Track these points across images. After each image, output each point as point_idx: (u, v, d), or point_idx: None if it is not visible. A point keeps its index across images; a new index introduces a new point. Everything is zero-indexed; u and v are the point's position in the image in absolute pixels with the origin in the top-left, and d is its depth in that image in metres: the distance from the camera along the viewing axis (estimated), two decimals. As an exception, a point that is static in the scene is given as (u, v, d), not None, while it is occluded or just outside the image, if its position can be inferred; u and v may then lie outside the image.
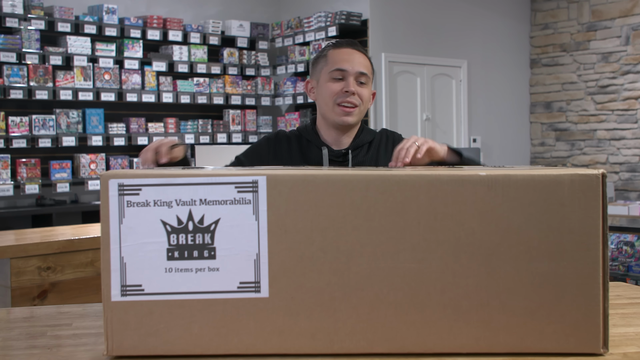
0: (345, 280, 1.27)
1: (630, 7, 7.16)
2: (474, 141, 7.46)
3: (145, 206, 1.28)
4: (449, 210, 1.26)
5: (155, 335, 1.28)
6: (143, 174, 1.28)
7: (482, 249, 1.26)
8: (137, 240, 1.28)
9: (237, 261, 1.27)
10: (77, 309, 1.75)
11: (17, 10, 5.44)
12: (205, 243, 1.27)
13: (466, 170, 1.30)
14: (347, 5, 6.68)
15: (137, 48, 6.07)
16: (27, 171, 5.46)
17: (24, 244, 3.02)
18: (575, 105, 7.66)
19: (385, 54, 6.64)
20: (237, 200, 1.27)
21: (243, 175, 1.27)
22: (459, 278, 1.27)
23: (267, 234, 1.27)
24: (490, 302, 1.27)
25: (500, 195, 1.26)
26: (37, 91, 5.45)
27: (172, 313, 1.28)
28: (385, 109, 6.65)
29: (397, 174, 1.27)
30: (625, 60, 7.21)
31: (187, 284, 1.28)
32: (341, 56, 2.01)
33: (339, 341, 1.28)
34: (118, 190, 1.28)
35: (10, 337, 1.50)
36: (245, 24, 6.82)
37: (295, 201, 1.27)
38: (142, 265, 1.28)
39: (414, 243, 1.27)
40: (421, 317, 1.27)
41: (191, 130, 6.41)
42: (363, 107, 2.03)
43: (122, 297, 1.28)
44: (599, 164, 7.41)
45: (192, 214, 1.27)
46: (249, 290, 1.27)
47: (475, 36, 7.51)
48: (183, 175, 1.28)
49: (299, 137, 2.09)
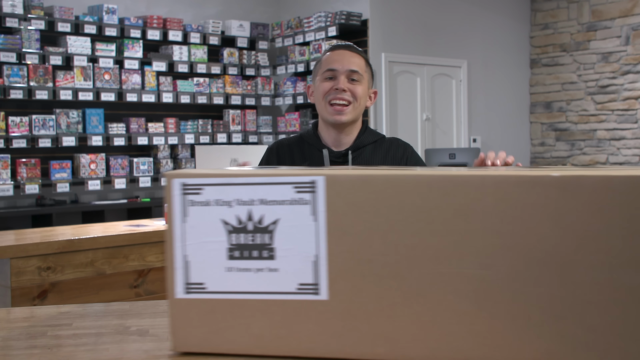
0: (406, 285, 1.21)
1: (630, 7, 7.16)
2: (474, 141, 7.46)
3: (207, 205, 1.28)
4: (518, 214, 1.16)
5: (217, 333, 1.29)
6: (204, 174, 1.29)
7: (555, 257, 1.15)
8: (200, 239, 1.29)
9: (296, 262, 1.25)
10: (77, 309, 1.75)
11: (17, 10, 5.44)
12: (264, 243, 1.27)
13: (536, 170, 1.21)
14: (347, 5, 6.68)
15: (137, 48, 6.07)
16: (27, 171, 5.46)
17: (24, 244, 3.02)
18: (575, 105, 7.66)
19: (385, 54, 6.64)
20: (295, 200, 1.25)
21: (301, 175, 1.25)
22: (530, 287, 1.16)
23: (326, 235, 1.24)
24: (566, 314, 1.16)
25: (574, 198, 1.14)
26: (37, 91, 5.45)
27: (233, 312, 1.28)
28: (385, 109, 6.65)
29: (460, 175, 1.19)
30: (625, 60, 7.21)
31: (247, 283, 1.27)
32: (333, 57, 2.06)
33: (400, 348, 1.23)
34: (181, 189, 1.29)
35: (10, 337, 1.50)
36: (245, 24, 6.82)
37: (354, 202, 1.23)
38: (204, 264, 1.29)
39: (478, 248, 1.18)
40: (487, 327, 1.19)
41: (191, 130, 6.41)
42: (357, 105, 2.04)
43: (186, 294, 1.30)
44: (599, 164, 7.41)
45: (251, 213, 1.27)
46: (308, 292, 1.25)
47: (475, 36, 7.51)
48: (242, 175, 1.27)
49: (300, 141, 2.13)
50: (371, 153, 2.09)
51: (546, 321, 1.16)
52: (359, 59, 2.07)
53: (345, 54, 2.06)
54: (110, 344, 1.42)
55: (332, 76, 2.03)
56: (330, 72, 2.03)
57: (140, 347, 1.40)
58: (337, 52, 2.06)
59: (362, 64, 2.07)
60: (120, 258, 3.31)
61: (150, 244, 3.42)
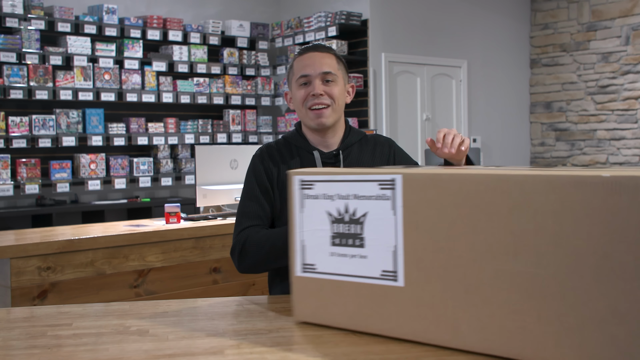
0: (467, 278, 1.30)
1: (630, 7, 7.16)
2: (474, 141, 7.46)
3: (316, 199, 1.52)
4: (570, 213, 1.18)
5: (324, 308, 1.51)
6: (316, 172, 1.54)
7: (607, 259, 1.15)
8: (312, 227, 1.52)
9: (380, 251, 1.41)
10: (77, 309, 1.76)
11: (17, 10, 5.44)
12: (357, 233, 1.45)
13: (587, 170, 1.22)
14: (347, 5, 6.68)
15: (137, 48, 6.07)
16: (27, 171, 5.46)
17: (24, 244, 3.02)
18: (575, 105, 7.66)
19: (385, 54, 6.64)
20: (379, 196, 1.41)
21: (384, 174, 1.41)
22: (580, 288, 1.18)
23: (402, 228, 1.38)
24: (613, 319, 1.15)
25: (625, 198, 1.13)
26: (37, 91, 5.45)
27: (334, 291, 1.49)
28: (385, 109, 6.65)
29: (516, 174, 1.24)
30: (625, 60, 7.21)
31: (344, 267, 1.47)
32: (303, 62, 2.04)
33: (462, 338, 1.32)
34: (299, 185, 1.54)
35: (11, 337, 1.50)
36: (245, 24, 6.82)
37: (425, 198, 1.35)
38: (315, 248, 1.52)
39: (531, 246, 1.22)
40: (536, 325, 1.22)
41: (191, 130, 6.41)
42: (336, 106, 2.03)
43: (303, 273, 1.54)
44: (599, 164, 7.41)
45: (348, 206, 1.47)
46: (389, 279, 1.41)
47: (475, 36, 7.51)
48: (342, 174, 1.48)
49: (287, 144, 2.11)
50: (359, 152, 2.09)
51: (592, 324, 1.17)
52: (330, 58, 2.05)
53: (315, 56, 2.03)
54: (110, 344, 1.42)
55: (306, 82, 2.02)
56: (304, 78, 2.02)
57: (140, 347, 1.40)
58: (307, 56, 2.04)
59: (334, 63, 2.05)
60: (120, 258, 3.31)
61: (150, 244, 3.42)
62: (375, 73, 6.58)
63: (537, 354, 1.23)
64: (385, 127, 6.62)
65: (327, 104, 2.01)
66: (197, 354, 1.35)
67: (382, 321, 1.42)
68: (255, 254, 1.92)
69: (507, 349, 1.26)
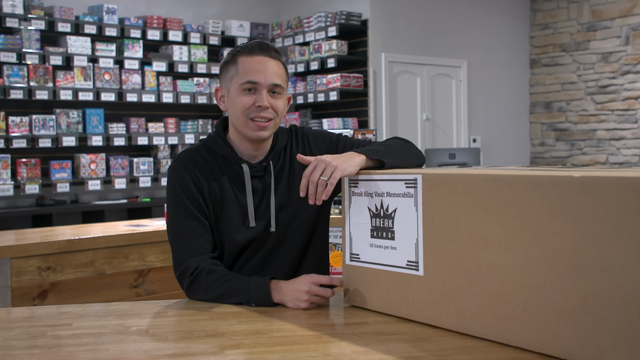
0: (470, 269, 1.42)
1: (630, 7, 7.16)
2: (474, 141, 7.46)
3: (360, 196, 1.71)
4: (548, 211, 1.25)
5: (366, 293, 1.70)
6: (361, 172, 1.71)
7: (576, 254, 1.22)
8: (357, 221, 1.71)
9: (406, 243, 1.58)
10: (77, 309, 1.76)
11: (17, 10, 5.44)
12: (389, 227, 1.63)
13: (587, 171, 1.26)
14: (347, 5, 6.68)
15: (137, 48, 6.07)
16: (27, 171, 5.46)
17: (24, 244, 3.02)
18: (575, 105, 7.66)
19: (385, 54, 6.64)
20: (405, 193, 1.58)
21: (408, 173, 1.58)
22: (567, 282, 1.23)
23: (422, 223, 1.53)
24: (601, 310, 1.20)
25: (619, 199, 1.16)
26: (37, 91, 5.45)
27: (372, 279, 1.68)
28: (385, 109, 6.65)
29: (511, 174, 1.33)
30: (625, 60, 7.21)
31: (380, 257, 1.65)
32: (252, 65, 1.86)
33: (467, 324, 1.44)
34: (348, 183, 1.74)
35: (11, 337, 1.50)
36: (245, 24, 6.83)
37: (438, 195, 1.49)
38: (359, 239, 1.71)
39: (520, 241, 1.31)
40: (523, 313, 1.31)
41: (191, 130, 6.41)
42: (278, 120, 1.91)
43: (350, 261, 1.74)
44: (598, 164, 7.41)
45: (383, 203, 1.64)
46: (412, 268, 1.57)
47: (475, 36, 7.51)
48: (379, 174, 1.66)
49: (211, 153, 1.94)
50: (284, 158, 1.97)
51: (565, 314, 1.24)
52: (279, 66, 1.90)
53: (267, 62, 1.87)
54: (110, 344, 1.42)
55: (252, 88, 1.86)
56: (251, 84, 1.85)
57: (140, 347, 1.40)
58: (257, 60, 1.86)
59: (283, 73, 1.92)
60: (120, 258, 3.32)
61: (150, 244, 3.42)
62: (375, 73, 6.58)
63: (523, 341, 1.33)
64: (385, 127, 6.62)
65: (270, 117, 1.88)
66: (197, 354, 1.35)
67: (406, 307, 1.58)
68: (206, 293, 1.80)
69: (500, 335, 1.37)
